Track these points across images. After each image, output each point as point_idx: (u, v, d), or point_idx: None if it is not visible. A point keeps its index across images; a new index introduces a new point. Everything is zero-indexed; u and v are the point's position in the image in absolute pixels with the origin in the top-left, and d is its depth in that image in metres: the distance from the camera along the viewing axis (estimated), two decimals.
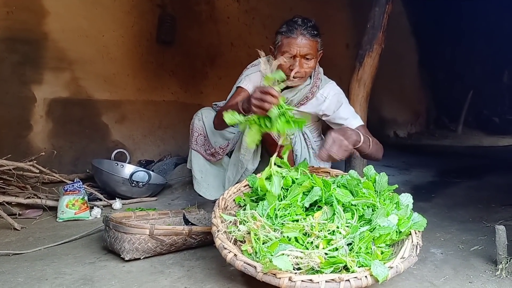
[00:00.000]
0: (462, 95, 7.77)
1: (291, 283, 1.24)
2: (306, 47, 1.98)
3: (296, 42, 1.97)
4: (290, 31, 1.98)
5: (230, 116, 1.71)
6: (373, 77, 2.99)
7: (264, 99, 1.62)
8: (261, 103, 1.62)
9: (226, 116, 1.71)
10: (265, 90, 1.63)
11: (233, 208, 1.68)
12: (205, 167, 2.33)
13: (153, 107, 3.76)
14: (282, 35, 2.02)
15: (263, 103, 1.62)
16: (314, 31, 2.00)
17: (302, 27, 1.98)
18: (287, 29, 2.00)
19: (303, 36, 1.97)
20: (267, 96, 1.61)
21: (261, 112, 1.64)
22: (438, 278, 1.52)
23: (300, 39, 1.97)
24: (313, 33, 1.99)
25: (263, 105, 1.62)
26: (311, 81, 2.14)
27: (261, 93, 1.63)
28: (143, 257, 1.68)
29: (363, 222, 1.46)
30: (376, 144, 1.93)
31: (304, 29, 1.97)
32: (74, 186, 2.34)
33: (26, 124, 3.04)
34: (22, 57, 3.00)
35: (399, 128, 7.17)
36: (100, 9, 3.38)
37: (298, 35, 1.97)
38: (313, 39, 1.99)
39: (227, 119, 1.71)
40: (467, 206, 2.57)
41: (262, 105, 1.62)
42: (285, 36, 1.99)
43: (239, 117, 1.71)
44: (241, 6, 4.56)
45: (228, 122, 1.71)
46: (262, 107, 1.63)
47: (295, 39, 1.97)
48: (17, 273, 1.55)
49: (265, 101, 1.61)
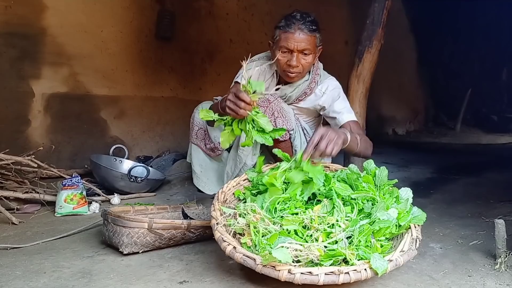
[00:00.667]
0: (460, 93, 7.79)
1: (290, 276, 1.23)
2: (304, 42, 1.96)
3: (293, 37, 1.95)
4: (288, 26, 1.97)
5: (205, 113, 1.72)
6: (372, 73, 2.98)
7: (237, 104, 1.63)
8: (234, 106, 1.64)
9: (201, 112, 1.73)
10: (239, 95, 1.63)
11: (232, 202, 1.68)
12: (204, 162, 2.32)
13: (152, 103, 3.75)
14: (280, 29, 2.00)
15: (236, 107, 1.63)
16: (313, 26, 1.98)
17: (300, 21, 1.96)
18: (285, 24, 1.98)
19: (301, 31, 1.95)
20: (240, 102, 1.62)
21: (234, 115, 1.66)
22: (437, 272, 1.52)
23: (297, 34, 1.95)
24: (311, 28, 1.97)
25: (236, 109, 1.63)
26: (310, 77, 2.13)
27: (235, 97, 1.64)
28: (142, 251, 1.67)
29: (363, 215, 1.46)
30: (365, 142, 1.93)
31: (302, 23, 1.95)
32: (73, 181, 2.33)
33: (24, 119, 3.03)
34: (20, 51, 2.98)
35: (398, 126, 7.18)
36: (99, 4, 3.36)
37: (296, 29, 1.95)
38: (311, 34, 1.97)
39: (201, 115, 1.73)
40: (466, 202, 2.57)
41: (235, 109, 1.64)
42: (283, 31, 1.98)
43: (213, 115, 1.72)
44: (240, 2, 4.55)
45: (201, 117, 1.74)
46: (234, 111, 1.64)
47: (292, 34, 1.95)
48: (15, 266, 1.54)
49: (238, 106, 1.62)
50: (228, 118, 1.71)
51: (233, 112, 1.65)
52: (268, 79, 2.20)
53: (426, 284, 1.42)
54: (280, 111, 2.00)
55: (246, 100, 1.61)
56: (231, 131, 1.68)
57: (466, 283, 1.44)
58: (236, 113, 1.65)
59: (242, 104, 1.61)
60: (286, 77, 2.06)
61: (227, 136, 1.69)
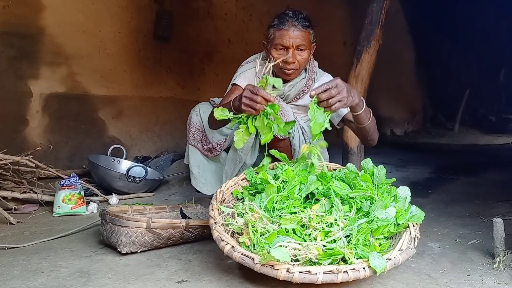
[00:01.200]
0: (458, 93, 7.81)
1: (289, 275, 1.23)
2: (299, 38, 1.97)
3: (288, 34, 1.96)
4: (282, 23, 1.98)
5: (220, 112, 1.70)
6: (370, 73, 2.99)
7: (254, 100, 1.60)
8: (251, 102, 1.60)
9: (216, 111, 1.70)
10: (256, 91, 1.60)
11: (230, 201, 1.67)
12: (202, 163, 2.32)
13: (150, 103, 3.75)
14: (274, 28, 2.01)
15: (253, 103, 1.60)
16: (306, 22, 2.00)
17: (293, 18, 1.97)
18: (279, 22, 2.00)
19: (295, 27, 1.96)
20: (257, 97, 1.59)
21: (250, 112, 1.62)
22: (436, 271, 1.52)
23: (292, 30, 1.96)
24: (304, 24, 1.99)
25: (254, 105, 1.60)
26: (306, 75, 2.14)
27: (252, 93, 1.61)
28: (140, 250, 1.66)
29: (361, 214, 1.46)
30: (375, 122, 1.93)
31: (295, 20, 1.97)
32: (71, 181, 2.32)
33: (22, 119, 3.02)
34: (18, 51, 2.98)
35: (396, 126, 7.19)
36: (97, 4, 3.36)
37: (290, 26, 1.96)
38: (305, 30, 1.99)
39: (216, 115, 1.70)
40: (464, 201, 2.57)
41: (252, 104, 1.60)
42: (277, 29, 1.99)
43: (229, 114, 1.70)
44: (238, 3, 4.55)
45: (217, 117, 1.70)
46: (252, 107, 1.61)
47: (287, 31, 1.96)
48: (13, 266, 1.53)
49: (255, 101, 1.59)
50: (243, 116, 1.67)
51: (249, 108, 1.61)
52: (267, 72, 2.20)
53: (425, 283, 1.42)
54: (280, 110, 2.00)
55: (265, 95, 1.58)
56: (246, 129, 1.65)
57: (465, 282, 1.44)
58: (253, 108, 1.61)
59: (259, 98, 1.58)
60: (283, 75, 2.06)
61: (242, 135, 1.66)
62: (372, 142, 2.00)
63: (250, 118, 1.66)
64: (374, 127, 1.93)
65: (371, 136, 1.95)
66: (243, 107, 1.62)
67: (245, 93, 1.63)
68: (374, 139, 1.98)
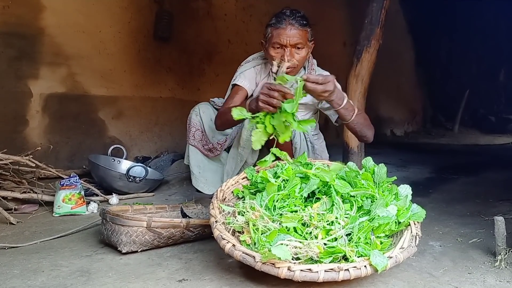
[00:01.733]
0: (458, 93, 7.82)
1: (290, 273, 1.23)
2: (296, 37, 1.98)
3: (285, 32, 1.97)
4: (279, 22, 1.99)
5: (238, 112, 1.69)
6: (370, 73, 2.99)
7: (271, 95, 1.60)
8: (268, 98, 1.61)
9: (234, 111, 1.69)
10: (274, 87, 1.61)
11: (231, 200, 1.67)
12: (203, 163, 2.31)
13: (150, 104, 3.75)
14: (271, 27, 2.02)
15: (270, 99, 1.61)
16: (303, 21, 2.01)
17: (290, 17, 1.98)
18: (276, 21, 2.01)
19: (292, 26, 1.97)
20: (275, 93, 1.60)
21: (268, 108, 1.62)
22: (437, 270, 1.52)
23: (289, 29, 1.97)
24: (302, 22, 2.00)
25: (271, 100, 1.60)
26: (306, 72, 2.14)
27: (269, 89, 1.62)
28: (140, 250, 1.66)
29: (362, 213, 1.45)
30: (364, 119, 1.93)
31: (292, 19, 1.98)
32: (71, 180, 2.32)
33: (22, 119, 3.02)
34: (18, 51, 2.98)
35: (396, 127, 7.20)
36: (97, 5, 3.36)
37: (287, 25, 1.97)
38: (303, 28, 2.00)
39: (234, 115, 1.69)
40: (465, 201, 2.57)
41: (269, 101, 1.61)
42: (275, 28, 2.00)
43: (247, 113, 1.69)
44: (238, 3, 4.56)
45: (236, 117, 1.69)
46: (269, 103, 1.61)
47: (284, 29, 1.97)
48: (13, 265, 1.53)
49: (273, 97, 1.60)
50: (260, 115, 1.66)
51: (266, 105, 1.62)
52: (264, 78, 2.20)
53: (426, 281, 1.42)
54: None
55: (282, 89, 1.60)
56: (264, 129, 1.64)
57: (466, 280, 1.43)
58: (270, 104, 1.61)
59: (276, 93, 1.59)
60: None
61: (260, 135, 1.64)
62: (366, 139, 2.00)
63: (268, 117, 1.66)
64: (363, 124, 1.93)
65: (361, 132, 1.96)
66: (261, 104, 1.63)
67: (263, 90, 1.64)
68: (367, 135, 1.98)
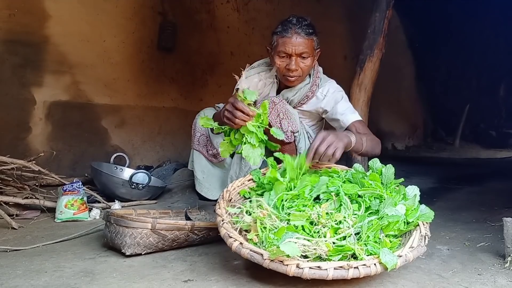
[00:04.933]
0: (458, 108, 7.83)
1: (298, 270, 1.20)
2: (302, 46, 1.97)
3: (291, 41, 1.97)
4: (285, 31, 1.99)
5: (205, 120, 1.73)
6: (373, 82, 3.01)
7: (233, 114, 1.61)
8: (231, 116, 1.63)
9: (201, 119, 1.73)
10: (237, 105, 1.61)
11: (237, 201, 1.65)
12: (207, 168, 2.31)
13: (153, 113, 3.75)
14: (277, 35, 2.02)
15: (233, 117, 1.62)
16: (309, 30, 2.00)
17: (296, 26, 1.98)
18: (282, 29, 2.00)
19: (298, 35, 1.97)
20: (237, 112, 1.61)
21: (231, 125, 1.66)
22: (446, 271, 1.50)
23: (295, 38, 1.97)
24: (308, 31, 1.99)
25: (234, 120, 1.62)
26: (311, 80, 2.14)
27: (233, 107, 1.62)
28: (145, 252, 1.64)
29: (370, 212, 1.44)
30: (372, 140, 1.93)
31: (298, 27, 1.97)
32: (73, 186, 2.30)
33: (25, 126, 3.02)
34: (22, 59, 2.99)
35: (397, 141, 7.19)
36: (102, 15, 3.39)
37: (293, 34, 1.97)
38: (308, 37, 1.99)
39: (201, 122, 1.73)
40: (470, 208, 2.55)
41: (232, 119, 1.63)
42: (280, 36, 2.00)
43: (213, 123, 1.72)
44: (241, 16, 4.60)
45: (201, 125, 1.74)
46: (232, 121, 1.63)
47: (290, 39, 1.97)
48: (16, 266, 1.51)
49: (235, 116, 1.61)
50: (226, 127, 1.70)
51: (230, 122, 1.64)
52: (268, 85, 2.21)
53: (436, 282, 1.39)
54: (285, 113, 2.00)
55: (244, 110, 1.60)
56: (229, 142, 1.68)
57: (476, 281, 1.41)
58: (233, 122, 1.63)
59: (239, 113, 1.60)
60: (286, 82, 2.07)
61: (226, 146, 1.69)
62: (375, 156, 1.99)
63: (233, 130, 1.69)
64: (372, 146, 1.94)
65: (371, 153, 1.96)
66: (225, 120, 1.66)
67: (227, 106, 1.65)
68: (376, 153, 1.99)
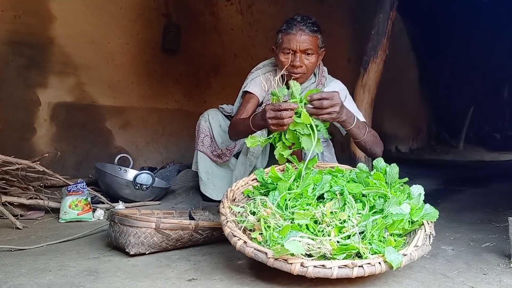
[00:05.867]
0: (462, 111, 7.81)
1: (303, 269, 1.20)
2: (306, 42, 1.99)
3: (295, 38, 1.98)
4: (290, 28, 2.01)
5: (252, 140, 1.72)
6: (377, 83, 3.01)
7: (280, 117, 1.59)
8: (279, 121, 1.60)
9: (248, 141, 1.72)
10: (279, 107, 1.60)
11: (241, 201, 1.65)
12: (211, 168, 2.31)
13: (157, 115, 3.76)
14: (282, 32, 2.04)
15: (281, 120, 1.60)
16: (314, 27, 2.02)
17: (301, 23, 2.00)
18: (287, 26, 2.02)
19: (302, 32, 1.98)
20: (283, 112, 1.59)
21: (281, 129, 1.63)
22: (451, 271, 1.49)
23: (299, 35, 1.98)
24: (312, 28, 2.00)
25: (282, 122, 1.60)
26: (316, 79, 2.15)
27: (275, 111, 1.61)
28: (148, 252, 1.64)
29: (374, 211, 1.44)
30: (374, 136, 1.92)
31: (303, 25, 1.99)
32: (78, 186, 2.31)
33: (30, 127, 3.03)
34: (27, 60, 3.01)
35: (401, 143, 7.17)
36: (106, 17, 3.41)
37: (297, 30, 1.98)
38: (313, 34, 2.00)
39: (249, 144, 1.72)
40: (475, 210, 2.54)
41: (280, 122, 1.60)
42: (285, 33, 2.02)
43: (260, 138, 1.72)
44: (245, 18, 4.61)
45: (249, 146, 1.73)
46: (281, 125, 1.61)
47: (294, 35, 1.98)
48: (20, 265, 1.51)
49: (283, 118, 1.59)
50: (274, 135, 1.68)
51: (279, 127, 1.62)
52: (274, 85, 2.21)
53: (441, 282, 1.39)
54: None
55: (287, 106, 1.58)
56: (283, 145, 1.66)
57: (482, 280, 1.40)
58: (282, 125, 1.61)
59: (284, 113, 1.58)
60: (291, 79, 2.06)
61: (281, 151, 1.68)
62: (374, 155, 1.96)
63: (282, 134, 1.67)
64: (373, 141, 1.92)
65: (370, 150, 1.94)
66: (274, 128, 1.63)
67: (268, 114, 1.62)
68: (377, 152, 1.96)
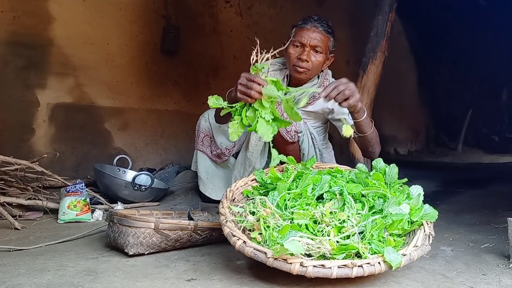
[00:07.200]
0: (461, 113, 7.83)
1: (302, 269, 1.20)
2: (317, 39, 2.00)
3: (308, 32, 2.01)
4: (305, 23, 2.04)
5: (214, 100, 1.63)
6: (376, 85, 3.01)
7: (249, 86, 1.54)
8: (246, 90, 1.54)
9: (210, 99, 1.63)
10: (252, 77, 1.55)
11: (240, 201, 1.65)
12: (211, 168, 2.31)
13: (156, 116, 3.76)
14: (297, 27, 2.08)
15: (248, 90, 1.54)
16: (329, 29, 2.05)
17: (317, 21, 2.03)
18: (303, 22, 2.06)
19: (316, 28, 2.01)
20: (253, 84, 1.53)
21: (246, 100, 1.56)
22: (451, 272, 1.49)
23: (312, 31, 2.01)
24: (326, 29, 2.04)
25: (249, 92, 1.54)
26: (319, 81, 2.15)
27: (247, 80, 1.56)
28: (147, 252, 1.63)
29: (374, 211, 1.44)
30: (377, 135, 1.93)
31: (318, 23, 2.02)
32: (76, 187, 2.30)
33: (29, 128, 3.02)
34: (26, 61, 3.00)
35: (399, 146, 7.17)
36: (106, 18, 3.41)
37: (311, 26, 2.02)
38: (326, 34, 2.03)
39: (210, 102, 1.63)
40: (473, 211, 2.55)
41: (247, 92, 1.54)
42: (299, 28, 2.05)
43: (223, 102, 1.63)
44: (244, 20, 4.61)
45: (211, 105, 1.64)
46: (247, 94, 1.55)
47: (308, 30, 2.01)
48: (19, 265, 1.51)
49: (251, 88, 1.53)
50: (237, 105, 1.61)
51: (244, 96, 1.55)
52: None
53: (440, 282, 1.39)
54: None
55: (260, 81, 1.53)
56: (241, 121, 1.58)
57: (481, 280, 1.41)
58: (248, 96, 1.54)
59: (254, 85, 1.53)
60: (295, 72, 2.06)
61: (236, 127, 1.59)
62: (373, 155, 1.97)
63: (244, 108, 1.59)
64: (376, 139, 1.93)
65: (372, 147, 1.94)
66: (239, 95, 1.57)
67: (240, 80, 1.58)
68: (375, 151, 1.97)
